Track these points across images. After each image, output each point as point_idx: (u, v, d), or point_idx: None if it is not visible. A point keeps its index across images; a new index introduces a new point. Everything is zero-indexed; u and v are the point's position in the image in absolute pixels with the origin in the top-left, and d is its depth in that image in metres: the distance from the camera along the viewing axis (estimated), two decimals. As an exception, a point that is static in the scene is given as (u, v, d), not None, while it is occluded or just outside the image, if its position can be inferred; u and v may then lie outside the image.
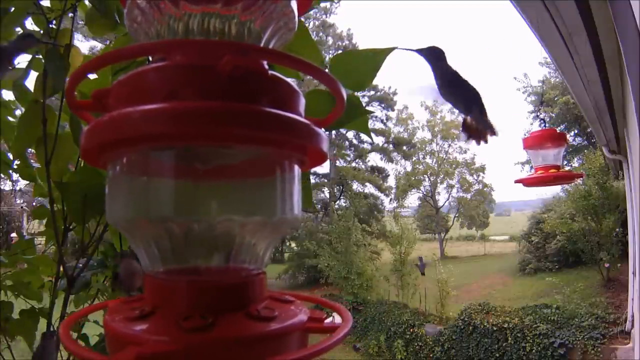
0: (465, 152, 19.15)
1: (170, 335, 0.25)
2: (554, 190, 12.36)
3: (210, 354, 0.25)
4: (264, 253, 0.32)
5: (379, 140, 19.34)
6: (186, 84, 0.26)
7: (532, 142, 2.23)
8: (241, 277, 0.31)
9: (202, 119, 0.24)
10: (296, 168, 0.31)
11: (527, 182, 2.26)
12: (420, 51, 0.48)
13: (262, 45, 0.31)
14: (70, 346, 0.27)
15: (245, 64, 0.26)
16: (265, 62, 0.29)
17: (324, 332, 0.29)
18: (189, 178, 0.30)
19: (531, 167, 2.52)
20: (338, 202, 17.26)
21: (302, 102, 0.30)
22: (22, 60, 0.88)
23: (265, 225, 0.30)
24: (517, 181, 2.25)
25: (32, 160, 0.88)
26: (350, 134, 18.01)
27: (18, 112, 0.95)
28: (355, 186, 18.47)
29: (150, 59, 0.34)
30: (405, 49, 0.49)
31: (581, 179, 7.48)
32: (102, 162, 0.30)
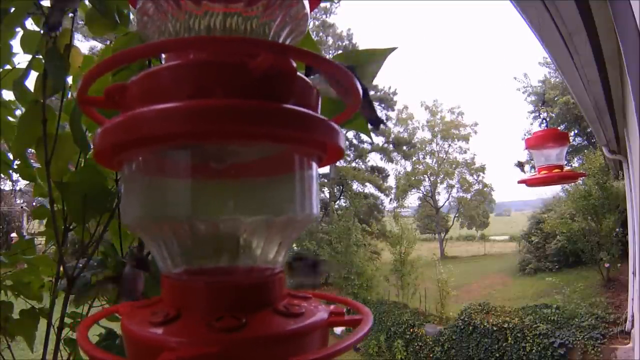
0: (465, 152, 19.19)
1: (204, 337, 0.25)
2: (554, 190, 12.38)
3: (247, 352, 0.25)
4: (284, 250, 0.32)
5: (379, 140, 19.34)
6: (216, 81, 0.25)
7: (535, 142, 2.23)
8: (264, 276, 0.31)
9: (233, 117, 0.23)
10: (314, 165, 0.31)
11: (531, 183, 2.25)
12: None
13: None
14: (88, 349, 0.27)
15: (282, 63, 0.26)
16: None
17: (348, 325, 0.30)
18: (208, 177, 0.30)
19: (531, 167, 2.52)
20: (338, 202, 17.25)
21: (320, 99, 0.30)
22: (22, 60, 0.88)
23: (288, 223, 0.30)
24: (520, 182, 2.24)
25: (32, 160, 0.88)
26: (350, 134, 18.00)
27: (18, 112, 0.95)
28: (355, 186, 18.46)
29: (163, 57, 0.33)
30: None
31: (581, 179, 7.49)
32: (116, 163, 0.29)
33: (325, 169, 17.65)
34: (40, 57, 0.73)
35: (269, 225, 0.30)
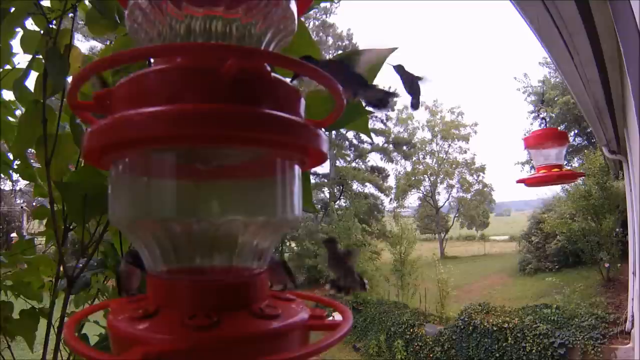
0: (465, 152, 19.20)
1: (175, 334, 0.25)
2: (554, 190, 12.37)
3: (216, 351, 0.25)
4: (265, 252, 0.32)
5: (379, 140, 19.34)
6: (189, 86, 0.26)
7: (534, 142, 2.22)
8: (243, 276, 0.31)
9: (204, 122, 0.24)
10: (296, 168, 0.31)
11: (530, 182, 2.25)
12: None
13: (263, 47, 0.31)
14: (76, 346, 0.27)
15: (250, 66, 0.26)
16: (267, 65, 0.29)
17: (326, 330, 0.30)
18: (191, 178, 0.31)
19: (531, 167, 2.52)
20: (338, 202, 17.25)
21: (303, 103, 0.30)
22: (22, 60, 0.88)
23: (267, 225, 0.31)
24: (519, 181, 2.24)
25: (32, 160, 0.88)
26: (350, 134, 18.01)
27: (18, 112, 0.95)
28: (355, 186, 18.46)
29: (152, 60, 0.34)
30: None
31: (581, 179, 7.49)
32: (104, 163, 0.30)
33: (326, 169, 17.67)
34: (40, 57, 0.73)
35: (249, 226, 0.30)
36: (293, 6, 0.31)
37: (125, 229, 0.33)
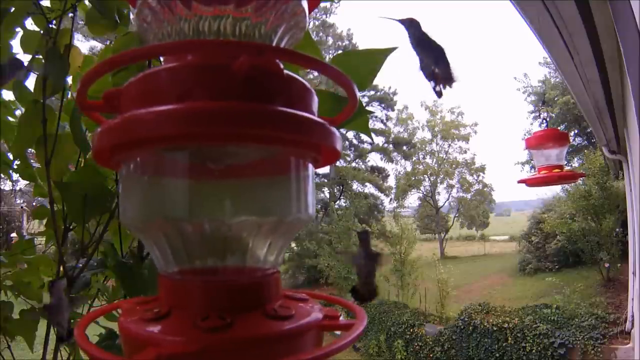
0: (465, 152, 19.20)
1: (188, 335, 0.25)
2: (554, 190, 12.37)
3: (229, 353, 0.25)
4: (278, 252, 0.32)
5: (379, 140, 19.35)
6: (200, 84, 0.26)
7: (535, 142, 2.23)
8: (256, 276, 0.31)
9: (215, 120, 0.23)
10: (310, 167, 0.31)
11: (531, 182, 2.25)
12: (400, 21, 0.60)
13: (274, 44, 0.31)
14: (86, 347, 0.27)
15: (262, 63, 0.26)
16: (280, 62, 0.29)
17: (340, 330, 0.29)
18: (203, 178, 0.30)
19: (531, 167, 2.53)
20: (338, 202, 17.25)
21: (316, 100, 0.29)
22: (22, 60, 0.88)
23: (280, 225, 0.30)
24: (520, 181, 2.24)
25: (32, 160, 0.88)
26: (350, 134, 18.00)
27: (18, 112, 0.95)
28: (355, 186, 18.47)
29: (162, 59, 0.33)
30: (387, 18, 0.60)
31: (581, 179, 7.49)
32: (114, 163, 0.29)
33: (325, 169, 17.67)
34: (40, 57, 0.73)
35: (262, 226, 0.30)
36: (304, 1, 0.31)
37: (136, 229, 0.33)
